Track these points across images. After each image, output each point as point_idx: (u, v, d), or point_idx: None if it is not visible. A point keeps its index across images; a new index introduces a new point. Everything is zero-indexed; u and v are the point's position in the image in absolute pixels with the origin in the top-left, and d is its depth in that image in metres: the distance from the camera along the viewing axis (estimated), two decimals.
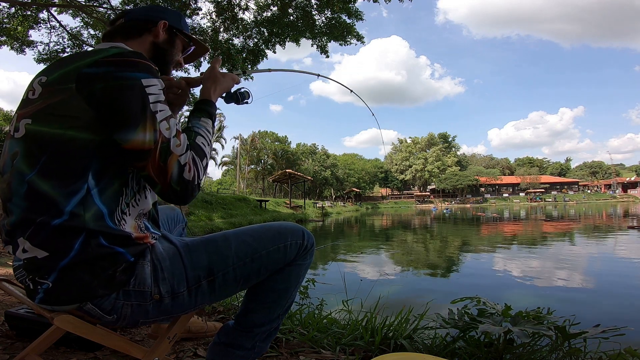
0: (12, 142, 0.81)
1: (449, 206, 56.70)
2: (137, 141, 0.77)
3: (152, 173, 0.79)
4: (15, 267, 0.83)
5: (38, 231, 0.75)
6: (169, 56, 1.06)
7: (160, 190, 0.81)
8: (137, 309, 0.83)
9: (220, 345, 1.03)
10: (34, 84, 0.83)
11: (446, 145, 77.75)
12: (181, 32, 1.07)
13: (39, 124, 0.78)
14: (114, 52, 0.81)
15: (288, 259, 1.00)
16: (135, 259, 0.83)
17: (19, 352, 1.09)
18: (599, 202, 56.45)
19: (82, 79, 0.77)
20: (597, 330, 1.33)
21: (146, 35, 1.01)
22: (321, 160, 63.74)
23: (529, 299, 4.59)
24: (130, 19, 1.01)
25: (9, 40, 9.05)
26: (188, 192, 0.81)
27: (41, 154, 0.76)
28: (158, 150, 0.78)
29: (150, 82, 0.80)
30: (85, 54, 0.83)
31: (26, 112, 0.81)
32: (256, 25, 8.82)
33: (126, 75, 0.78)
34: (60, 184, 0.76)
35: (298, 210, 25.86)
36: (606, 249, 9.30)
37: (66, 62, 0.83)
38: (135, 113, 0.77)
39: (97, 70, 0.77)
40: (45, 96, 0.79)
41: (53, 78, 0.81)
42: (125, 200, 0.83)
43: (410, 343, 1.55)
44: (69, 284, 0.77)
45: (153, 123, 0.78)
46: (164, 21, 1.03)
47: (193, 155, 0.84)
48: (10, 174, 0.79)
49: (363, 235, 14.89)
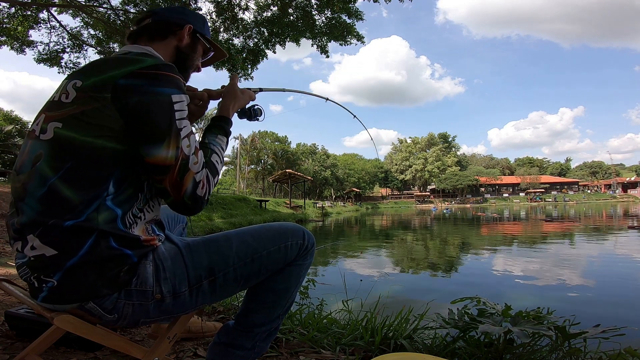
0: (36, 143, 0.80)
1: (449, 206, 56.70)
2: (161, 157, 0.79)
3: (168, 186, 0.81)
4: (19, 265, 0.83)
5: (50, 230, 0.76)
6: (190, 61, 1.06)
7: (172, 202, 0.84)
8: (138, 309, 0.84)
9: (221, 345, 1.03)
10: (67, 87, 0.82)
11: (446, 145, 77.76)
12: (203, 37, 1.08)
13: (70, 130, 0.77)
14: (149, 63, 0.82)
15: (288, 259, 1.01)
16: (139, 259, 0.83)
17: (19, 352, 1.09)
18: (599, 202, 56.44)
19: (118, 90, 0.78)
20: (597, 330, 1.33)
21: (171, 39, 1.01)
22: (321, 160, 63.73)
23: (529, 299, 4.59)
24: (157, 21, 1.01)
25: (9, 40, 9.05)
26: (197, 206, 0.85)
27: (67, 159, 0.76)
28: (177, 166, 0.80)
29: (179, 98, 0.82)
30: (121, 62, 0.83)
31: (57, 115, 0.80)
32: (256, 25, 8.82)
33: (159, 91, 0.80)
34: (81, 190, 0.76)
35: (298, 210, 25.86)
36: (606, 249, 9.30)
37: (102, 68, 0.82)
38: (162, 129, 0.79)
39: (133, 83, 0.79)
40: (79, 102, 0.79)
41: (88, 84, 0.80)
42: (138, 206, 0.84)
43: (410, 343, 1.55)
44: (74, 282, 0.77)
45: (177, 140, 0.80)
46: (190, 25, 1.03)
47: (207, 172, 0.86)
48: (29, 174, 0.78)
49: (363, 235, 14.89)
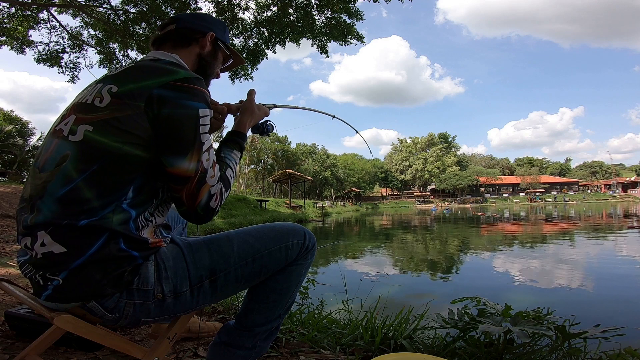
0: (64, 144, 0.80)
1: (449, 206, 56.68)
2: (182, 168, 0.82)
3: (184, 196, 0.84)
4: (22, 263, 0.83)
5: (63, 229, 0.76)
6: (211, 69, 1.08)
7: (184, 211, 0.86)
8: (139, 308, 0.84)
9: (221, 345, 1.03)
10: (102, 91, 0.83)
11: (446, 145, 77.72)
12: (224, 44, 1.09)
13: (100, 134, 0.78)
14: (182, 75, 0.84)
15: (289, 259, 1.01)
16: (143, 260, 0.84)
17: (19, 352, 1.09)
18: (599, 202, 56.43)
19: (152, 100, 0.80)
20: (597, 330, 1.34)
21: (194, 46, 1.03)
22: (321, 160, 63.71)
23: (529, 299, 4.58)
24: (181, 27, 1.02)
25: (9, 40, 9.05)
26: (208, 217, 0.88)
27: (93, 162, 0.77)
28: (196, 178, 0.83)
29: (205, 112, 0.85)
30: (157, 71, 0.85)
31: (89, 118, 0.80)
32: (256, 25, 8.82)
33: (190, 104, 0.82)
34: (102, 193, 0.77)
35: (298, 210, 25.85)
36: (606, 249, 9.30)
37: (138, 76, 0.84)
38: (187, 142, 0.82)
39: (167, 94, 0.81)
40: (113, 107, 0.80)
41: (124, 91, 0.81)
42: (150, 210, 0.85)
43: (410, 343, 1.55)
44: (80, 281, 0.78)
45: (198, 153, 0.83)
46: (212, 33, 1.05)
47: (221, 186, 0.90)
48: (52, 173, 0.78)
49: (363, 235, 14.89)
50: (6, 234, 4.99)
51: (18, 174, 23.94)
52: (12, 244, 4.33)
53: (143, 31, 9.14)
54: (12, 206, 6.80)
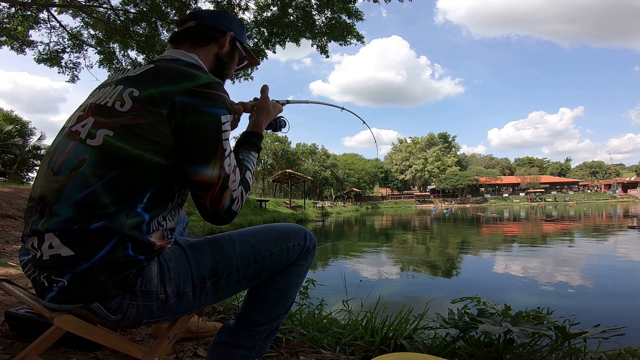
0: (82, 147, 0.78)
1: (449, 206, 56.66)
2: (206, 176, 0.82)
3: (207, 202, 0.85)
4: (25, 262, 0.82)
5: (73, 232, 0.75)
6: (227, 69, 1.06)
7: (208, 215, 0.87)
8: (142, 309, 0.84)
9: (221, 345, 1.03)
10: (123, 95, 0.81)
11: (446, 145, 77.68)
12: (242, 45, 1.08)
13: (121, 140, 0.77)
14: (204, 81, 0.83)
15: (290, 259, 1.01)
16: (148, 262, 0.83)
17: (19, 352, 1.09)
18: (599, 202, 56.42)
19: (176, 108, 0.79)
20: (597, 330, 1.34)
21: (212, 45, 1.01)
22: (321, 160, 63.69)
23: (529, 299, 4.58)
24: (201, 25, 1.00)
25: (9, 40, 9.06)
26: (230, 219, 0.89)
27: (113, 168, 0.76)
28: (219, 185, 0.84)
29: (226, 118, 0.85)
30: (179, 76, 0.83)
31: (109, 122, 0.79)
32: (256, 25, 8.82)
33: (213, 112, 0.82)
34: (120, 199, 0.77)
35: (298, 210, 25.84)
36: (606, 249, 9.29)
37: (160, 80, 0.82)
38: (211, 150, 0.82)
39: (190, 102, 0.80)
40: (135, 113, 0.79)
41: (145, 96, 0.80)
42: (164, 214, 0.86)
43: (410, 343, 1.56)
44: (85, 283, 0.77)
45: (221, 160, 0.84)
46: (232, 33, 1.03)
47: (242, 190, 0.90)
48: (68, 177, 0.77)
49: (363, 235, 14.89)
50: (6, 234, 4.99)
51: (18, 174, 23.93)
52: (12, 244, 4.33)
53: (143, 31, 9.15)
54: (12, 206, 6.80)
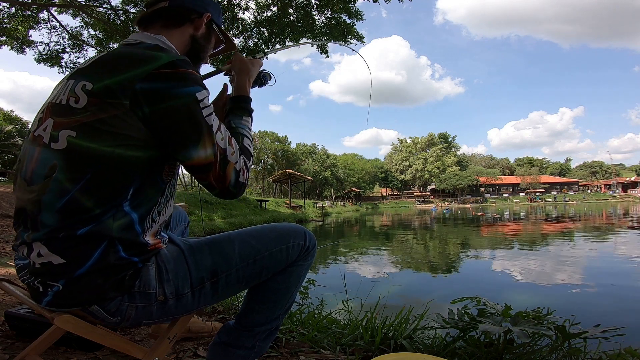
0: (48, 153, 0.74)
1: (449, 206, 56.63)
2: (200, 158, 0.79)
3: (213, 181, 0.81)
4: (20, 267, 0.81)
5: (60, 240, 0.74)
6: (203, 52, 1.01)
7: (218, 193, 0.84)
8: (141, 311, 0.83)
9: (221, 345, 1.03)
10: (76, 90, 0.75)
11: (446, 145, 77.66)
12: (219, 28, 1.03)
13: (85, 139, 0.72)
14: (165, 60, 0.76)
15: (290, 259, 1.01)
16: (143, 264, 0.83)
17: (19, 352, 1.09)
18: (599, 202, 56.41)
19: (138, 97, 0.73)
20: (597, 330, 1.34)
21: (187, 26, 0.95)
22: (321, 160, 63.68)
23: (529, 299, 4.58)
24: (176, 5, 0.94)
25: (9, 40, 9.06)
26: (240, 191, 0.86)
27: (86, 170, 0.72)
28: (218, 162, 0.80)
29: (202, 94, 0.79)
30: (134, 60, 0.76)
31: (68, 122, 0.73)
32: (256, 25, 8.82)
33: (183, 92, 0.76)
34: (102, 200, 0.74)
35: (298, 210, 25.84)
36: (606, 249, 9.30)
37: (114, 68, 0.76)
38: (195, 131, 0.77)
39: (154, 87, 0.73)
40: (93, 108, 0.72)
41: (100, 88, 0.73)
42: (158, 209, 0.84)
43: (410, 343, 1.55)
44: (80, 288, 0.76)
45: (211, 137, 0.79)
46: (209, 14, 0.98)
47: (244, 159, 0.87)
48: (43, 186, 0.73)
49: (363, 235, 14.89)
50: (6, 234, 4.99)
51: None
52: (13, 243, 4.33)
53: None
54: (12, 206, 6.80)
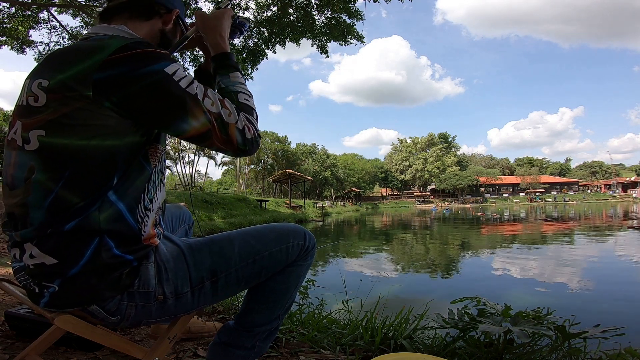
0: (23, 155, 0.73)
1: (449, 206, 56.64)
2: (195, 128, 0.77)
3: (220, 146, 0.81)
4: (16, 269, 0.81)
5: (49, 238, 0.73)
6: (172, 49, 1.00)
7: (232, 154, 0.84)
8: (141, 310, 0.83)
9: (221, 345, 1.03)
10: (32, 88, 0.73)
11: (446, 145, 77.72)
12: (184, 24, 1.02)
13: (56, 136, 0.71)
14: (116, 45, 0.72)
15: (290, 259, 1.01)
16: (139, 262, 0.82)
17: (19, 352, 1.09)
18: (599, 202, 56.43)
19: (100, 87, 0.70)
20: (597, 330, 1.34)
21: (156, 20, 0.93)
22: (321, 160, 63.69)
23: (529, 299, 4.59)
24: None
25: (9, 40, 9.05)
26: (253, 147, 0.85)
27: (64, 167, 0.71)
28: (216, 127, 0.79)
29: (172, 68, 0.76)
30: (85, 52, 0.73)
31: (34, 122, 0.72)
32: (256, 25, 8.81)
33: (148, 71, 0.72)
34: (86, 193, 0.73)
35: (298, 210, 25.85)
36: (606, 249, 9.30)
37: (66, 62, 0.73)
38: (178, 105, 0.75)
39: (113, 74, 0.70)
40: (54, 105, 0.71)
41: (56, 83, 0.72)
42: (148, 196, 0.83)
43: (410, 343, 1.55)
44: (77, 287, 0.76)
45: (199, 106, 0.77)
46: (177, 10, 0.97)
47: (245, 115, 0.85)
48: (26, 189, 0.73)
49: (363, 236, 14.89)
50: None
51: None
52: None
53: None
54: None
